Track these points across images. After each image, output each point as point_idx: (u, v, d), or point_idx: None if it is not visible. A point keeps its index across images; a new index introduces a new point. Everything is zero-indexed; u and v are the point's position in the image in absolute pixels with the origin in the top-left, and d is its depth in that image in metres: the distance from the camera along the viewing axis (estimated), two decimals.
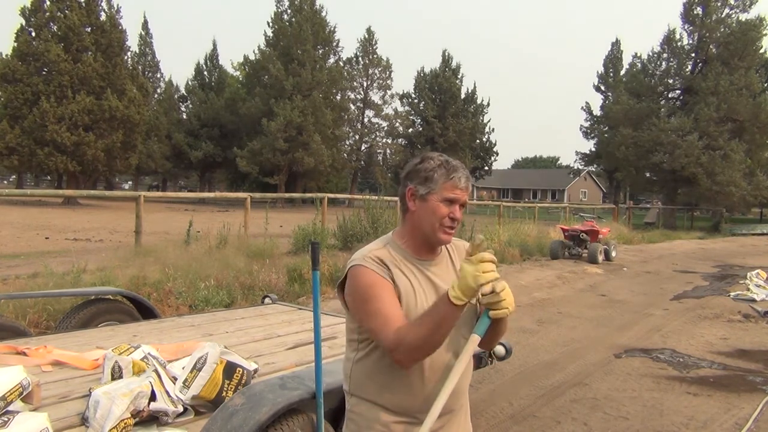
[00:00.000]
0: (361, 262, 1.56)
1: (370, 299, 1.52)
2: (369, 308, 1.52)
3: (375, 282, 1.53)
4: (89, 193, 20.65)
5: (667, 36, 29.13)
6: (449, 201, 1.58)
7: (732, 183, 25.43)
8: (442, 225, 1.58)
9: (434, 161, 1.62)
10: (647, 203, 40.45)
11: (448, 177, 1.58)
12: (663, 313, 7.77)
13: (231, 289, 6.72)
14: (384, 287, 1.53)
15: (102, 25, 30.14)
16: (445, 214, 1.58)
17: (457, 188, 1.58)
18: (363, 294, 1.53)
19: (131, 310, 4.18)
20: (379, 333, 1.50)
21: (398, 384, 1.57)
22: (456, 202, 1.59)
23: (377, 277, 1.53)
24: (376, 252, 1.60)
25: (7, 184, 62.16)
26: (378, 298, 1.51)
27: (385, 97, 45.41)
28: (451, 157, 1.65)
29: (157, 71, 46.65)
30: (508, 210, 17.96)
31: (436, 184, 1.58)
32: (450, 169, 1.59)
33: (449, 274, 1.65)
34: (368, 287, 1.53)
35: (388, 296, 1.52)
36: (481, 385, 4.44)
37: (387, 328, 1.48)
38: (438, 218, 1.58)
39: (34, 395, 2.18)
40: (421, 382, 1.57)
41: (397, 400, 1.58)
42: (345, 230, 10.33)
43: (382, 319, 1.49)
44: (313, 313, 1.87)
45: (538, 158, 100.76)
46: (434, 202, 1.58)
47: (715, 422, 3.88)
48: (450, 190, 1.58)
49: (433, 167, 1.60)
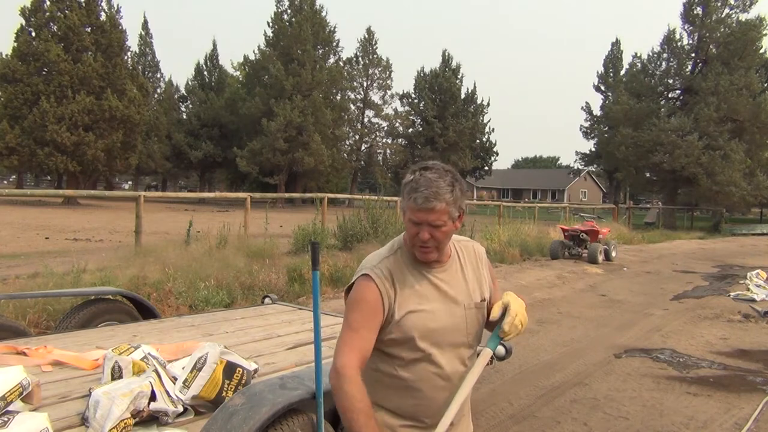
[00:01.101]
0: (369, 272, 1.55)
1: (354, 311, 1.53)
2: (349, 317, 1.54)
3: (369, 300, 1.52)
4: (89, 193, 20.64)
5: (667, 36, 29.15)
6: (413, 222, 1.51)
7: (732, 183, 25.43)
8: (414, 244, 1.54)
9: (408, 175, 1.54)
10: (647, 203, 40.43)
11: (408, 197, 1.50)
12: (663, 313, 7.77)
13: (231, 289, 6.72)
14: (372, 312, 1.52)
15: (102, 25, 30.15)
16: (414, 234, 1.52)
17: (415, 210, 1.48)
18: (353, 303, 1.55)
19: (131, 310, 4.17)
20: (339, 344, 1.52)
21: (406, 389, 1.58)
22: (419, 224, 1.49)
23: (374, 297, 1.52)
24: (386, 261, 1.57)
25: (7, 184, 62.16)
26: (359, 318, 1.52)
27: (385, 97, 45.47)
28: (446, 161, 1.64)
29: (157, 71, 46.67)
30: (508, 210, 17.96)
31: (404, 201, 1.53)
32: (412, 187, 1.50)
33: (458, 280, 1.63)
34: (360, 301, 1.53)
35: (369, 321, 1.51)
36: (481, 385, 4.44)
37: (346, 347, 1.49)
38: (410, 236, 1.55)
39: (34, 395, 2.18)
40: (429, 388, 1.57)
41: (405, 405, 1.59)
42: (345, 230, 10.33)
43: (349, 337, 1.51)
44: (313, 313, 1.87)
45: (538, 158, 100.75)
46: (405, 221, 1.55)
47: (715, 422, 3.88)
48: (411, 211, 1.50)
49: (405, 182, 1.54)
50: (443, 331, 1.56)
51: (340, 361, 1.48)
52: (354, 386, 1.44)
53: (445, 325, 1.57)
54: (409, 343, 1.54)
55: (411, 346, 1.54)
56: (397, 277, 1.55)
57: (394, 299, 1.54)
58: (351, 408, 1.43)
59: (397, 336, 1.54)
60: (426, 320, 1.54)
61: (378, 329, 1.53)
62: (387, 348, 1.57)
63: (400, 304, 1.54)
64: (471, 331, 1.62)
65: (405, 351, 1.55)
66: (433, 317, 1.55)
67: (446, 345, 1.57)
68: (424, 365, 1.56)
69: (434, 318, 1.55)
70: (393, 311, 1.53)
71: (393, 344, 1.56)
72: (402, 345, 1.55)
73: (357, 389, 1.45)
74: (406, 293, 1.55)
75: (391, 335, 1.55)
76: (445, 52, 46.00)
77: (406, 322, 1.53)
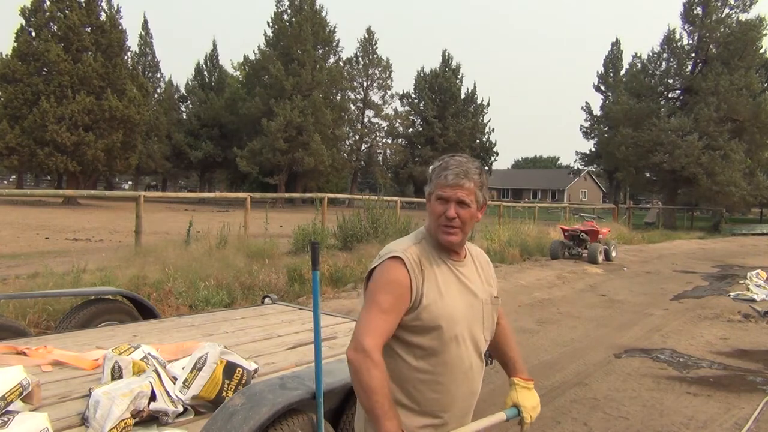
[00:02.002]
0: (401, 255, 1.56)
1: (385, 292, 1.52)
2: (379, 298, 1.52)
3: (401, 283, 1.53)
4: (89, 193, 20.61)
5: (667, 36, 29.14)
6: (442, 199, 1.59)
7: (732, 183, 25.43)
8: (439, 225, 1.60)
9: (438, 161, 1.66)
10: (647, 203, 40.43)
11: (438, 176, 1.61)
12: (663, 313, 7.77)
13: (231, 289, 6.72)
14: (402, 295, 1.53)
15: (102, 25, 30.14)
16: (440, 213, 1.58)
17: (445, 186, 1.58)
18: (384, 284, 1.54)
19: (131, 310, 4.18)
20: (365, 323, 1.51)
21: (425, 382, 1.59)
22: (448, 200, 1.58)
23: (405, 281, 1.53)
24: (416, 247, 1.61)
25: (7, 184, 62.16)
26: (391, 300, 1.52)
27: (385, 97, 45.50)
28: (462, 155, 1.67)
29: (157, 71, 46.65)
30: (508, 210, 17.95)
31: (432, 184, 1.62)
32: (442, 167, 1.61)
33: (476, 277, 1.69)
34: (391, 282, 1.53)
35: (398, 304, 1.52)
36: (482, 385, 4.44)
37: (374, 327, 1.49)
38: (435, 217, 1.60)
39: (34, 395, 2.18)
40: (449, 381, 1.60)
41: (424, 399, 1.60)
42: (345, 230, 10.33)
43: (379, 318, 1.50)
44: (313, 313, 1.87)
45: (538, 158, 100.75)
46: (432, 202, 1.62)
47: (715, 422, 3.88)
48: (440, 188, 1.59)
49: (434, 167, 1.65)
50: (465, 322, 1.61)
51: (368, 342, 1.46)
52: (380, 370, 1.45)
53: (466, 316, 1.61)
54: (433, 332, 1.56)
55: (435, 336, 1.56)
56: (425, 264, 1.59)
57: (422, 285, 1.56)
58: (376, 390, 1.44)
59: (422, 323, 1.56)
60: (451, 309, 1.57)
61: (402, 314, 1.54)
62: (409, 336, 1.58)
63: (427, 291, 1.56)
64: (488, 326, 1.68)
65: (428, 340, 1.56)
66: (456, 307, 1.59)
67: (467, 336, 1.61)
68: (445, 356, 1.57)
69: (458, 308, 1.59)
70: (420, 297, 1.55)
71: (416, 332, 1.57)
72: (425, 333, 1.56)
73: (383, 374, 1.46)
74: (433, 281, 1.58)
75: (416, 322, 1.56)
76: (445, 52, 46.05)
77: (432, 310, 1.55)
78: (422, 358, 1.57)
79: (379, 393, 1.44)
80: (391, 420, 1.44)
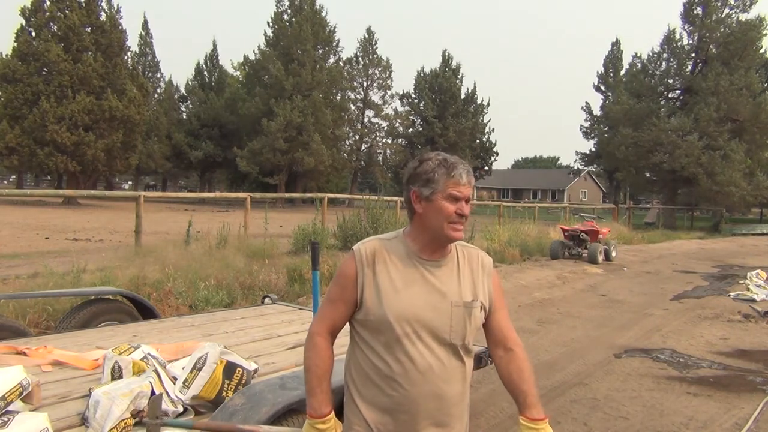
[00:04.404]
0: (355, 249, 1.67)
1: (334, 284, 1.69)
2: (329, 289, 1.70)
3: (346, 275, 1.64)
4: (89, 193, 20.63)
5: (667, 36, 29.13)
6: (454, 198, 1.61)
7: (732, 183, 25.42)
8: (450, 222, 1.61)
9: (432, 161, 1.64)
10: (647, 203, 40.43)
11: (449, 175, 1.61)
12: (663, 313, 7.77)
13: (231, 289, 6.72)
14: (345, 288, 1.64)
15: (102, 25, 30.15)
16: (452, 212, 1.60)
17: (459, 185, 1.61)
18: (336, 277, 1.69)
19: (131, 310, 4.17)
20: (316, 313, 1.74)
21: (383, 379, 1.60)
22: (460, 199, 1.61)
23: (351, 272, 1.64)
24: (377, 243, 1.68)
25: (7, 184, 62.17)
26: (336, 290, 1.67)
27: (385, 97, 45.44)
28: (450, 154, 1.67)
29: (157, 71, 46.69)
30: (508, 210, 17.96)
31: (438, 183, 1.61)
32: (449, 167, 1.62)
33: (451, 279, 1.65)
34: (338, 275, 1.67)
35: (343, 294, 1.64)
36: (481, 385, 4.44)
37: (319, 315, 1.69)
38: (445, 216, 1.61)
39: (34, 395, 2.18)
40: (404, 381, 1.58)
41: (381, 397, 1.60)
42: (345, 230, 10.33)
43: (324, 307, 1.69)
44: (313, 313, 1.88)
45: (538, 158, 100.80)
46: (439, 202, 1.61)
47: (715, 422, 3.88)
48: (453, 187, 1.61)
49: (432, 168, 1.62)
50: (422, 320, 1.58)
51: (313, 327, 1.69)
52: (315, 352, 1.64)
53: (425, 315, 1.58)
54: (385, 327, 1.57)
55: (386, 331, 1.57)
56: (379, 260, 1.62)
57: (368, 279, 1.60)
58: (308, 369, 1.64)
59: (374, 317, 1.59)
60: (405, 306, 1.57)
61: (352, 304, 1.64)
62: (364, 332, 1.63)
63: (374, 285, 1.59)
64: (455, 329, 1.60)
65: (381, 335, 1.59)
66: (413, 304, 1.58)
67: (425, 335, 1.58)
68: (398, 354, 1.57)
69: (414, 305, 1.58)
70: (363, 289, 1.61)
71: (370, 327, 1.61)
72: (378, 329, 1.59)
73: (317, 355, 1.63)
74: (385, 276, 1.60)
75: (368, 317, 1.60)
76: (445, 52, 46.00)
77: (376, 304, 1.58)
78: (378, 355, 1.60)
79: (311, 372, 1.62)
80: (316, 397, 1.61)
